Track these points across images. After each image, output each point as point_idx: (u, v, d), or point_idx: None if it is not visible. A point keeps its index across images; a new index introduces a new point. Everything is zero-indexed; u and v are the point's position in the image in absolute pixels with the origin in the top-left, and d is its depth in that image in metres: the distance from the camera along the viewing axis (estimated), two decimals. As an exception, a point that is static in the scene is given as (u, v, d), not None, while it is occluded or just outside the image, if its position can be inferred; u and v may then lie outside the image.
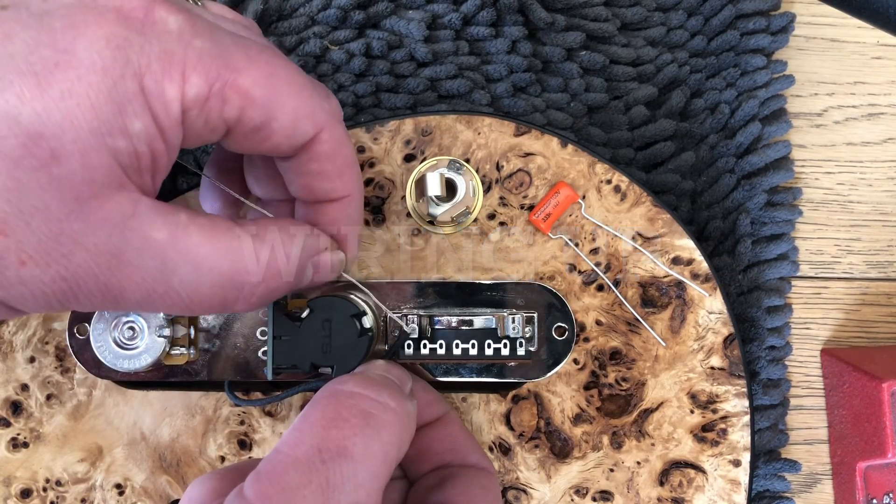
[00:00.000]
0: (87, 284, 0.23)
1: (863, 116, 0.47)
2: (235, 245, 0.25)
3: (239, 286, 0.25)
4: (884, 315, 0.46)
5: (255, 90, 0.24)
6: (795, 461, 0.44)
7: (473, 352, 0.34)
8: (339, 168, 0.28)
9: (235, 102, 0.24)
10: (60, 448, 0.36)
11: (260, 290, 0.26)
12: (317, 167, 0.27)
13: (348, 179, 0.29)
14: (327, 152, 0.27)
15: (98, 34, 0.22)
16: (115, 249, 0.23)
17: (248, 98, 0.24)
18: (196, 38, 0.23)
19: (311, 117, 0.26)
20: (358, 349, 0.32)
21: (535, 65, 0.44)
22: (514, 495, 0.36)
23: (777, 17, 0.46)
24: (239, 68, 0.24)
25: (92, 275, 0.23)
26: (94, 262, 0.22)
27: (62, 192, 0.21)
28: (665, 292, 0.37)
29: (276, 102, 0.25)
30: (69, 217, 0.22)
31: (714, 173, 0.44)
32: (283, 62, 0.26)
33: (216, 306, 0.26)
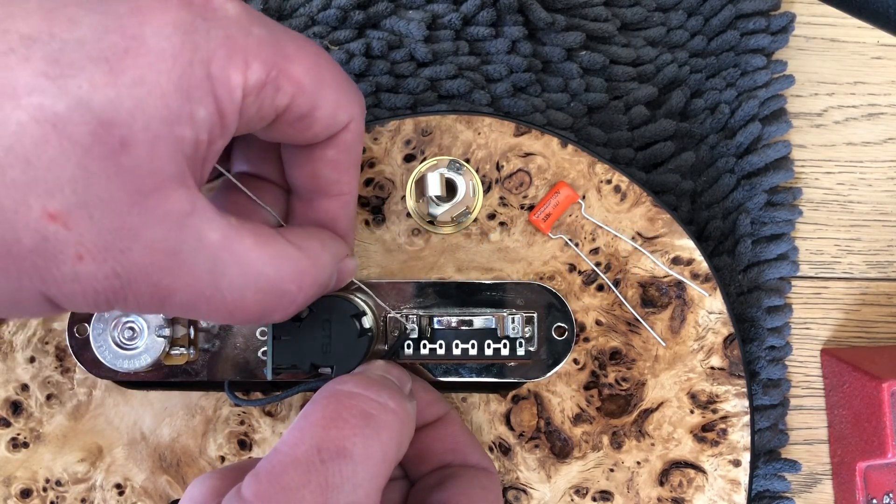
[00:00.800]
0: (139, 283, 0.22)
1: (863, 116, 0.47)
2: (281, 252, 0.25)
3: (280, 294, 0.25)
4: (884, 315, 0.46)
5: (305, 79, 0.25)
6: (795, 461, 0.44)
7: (473, 352, 0.34)
8: (350, 161, 0.29)
9: (287, 90, 0.24)
10: (60, 448, 0.36)
11: (299, 299, 0.26)
12: (333, 155, 0.28)
13: (353, 176, 0.29)
14: (349, 142, 0.28)
15: (165, 20, 0.21)
16: (172, 248, 0.22)
17: (298, 86, 0.24)
18: (253, 26, 0.23)
19: (347, 107, 0.27)
20: (358, 349, 0.32)
21: (535, 65, 0.44)
22: (514, 495, 0.36)
23: (777, 17, 0.46)
24: (291, 57, 0.24)
25: (145, 273, 0.22)
26: (149, 260, 0.21)
27: (127, 184, 0.21)
28: (665, 292, 0.37)
29: (321, 91, 0.25)
30: (131, 210, 0.21)
31: (714, 173, 0.44)
32: (324, 53, 0.26)
33: (256, 315, 0.25)
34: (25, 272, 0.21)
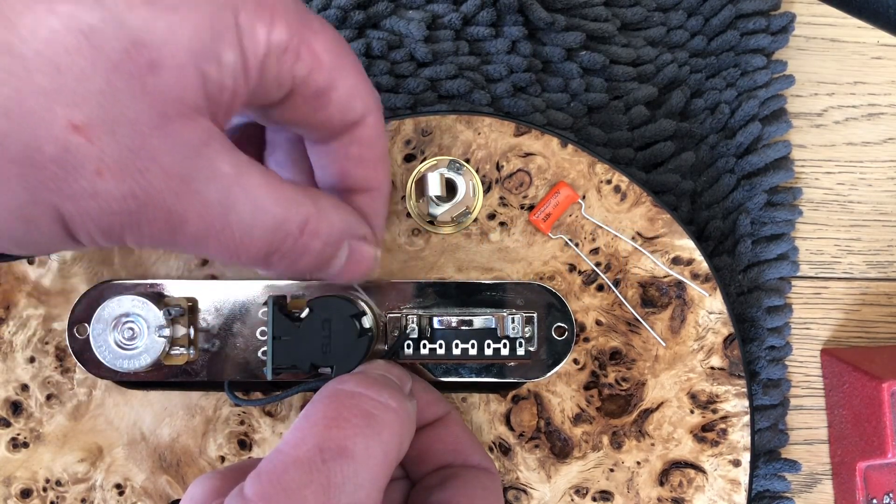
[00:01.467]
0: (154, 207, 0.22)
1: (863, 116, 0.47)
2: (289, 196, 0.25)
3: (285, 235, 0.25)
4: (884, 315, 0.46)
5: (324, 55, 0.25)
6: (795, 461, 0.44)
7: (473, 352, 0.34)
8: (377, 157, 0.28)
9: (307, 61, 0.24)
10: (60, 448, 0.36)
11: (300, 243, 0.25)
12: (357, 152, 0.27)
13: (382, 171, 0.29)
14: (370, 138, 0.27)
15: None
16: (187, 174, 0.22)
17: (318, 60, 0.24)
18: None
19: (363, 98, 0.26)
20: (358, 349, 0.32)
21: (535, 65, 0.44)
22: (514, 495, 0.36)
23: (777, 17, 0.46)
24: (315, 30, 0.24)
25: (161, 197, 0.22)
26: (165, 184, 0.22)
27: (152, 105, 0.21)
28: (665, 292, 0.37)
29: (339, 73, 0.25)
30: (153, 132, 0.21)
31: (714, 173, 0.44)
32: (346, 42, 0.26)
33: (261, 254, 0.25)
34: (44, 183, 0.20)
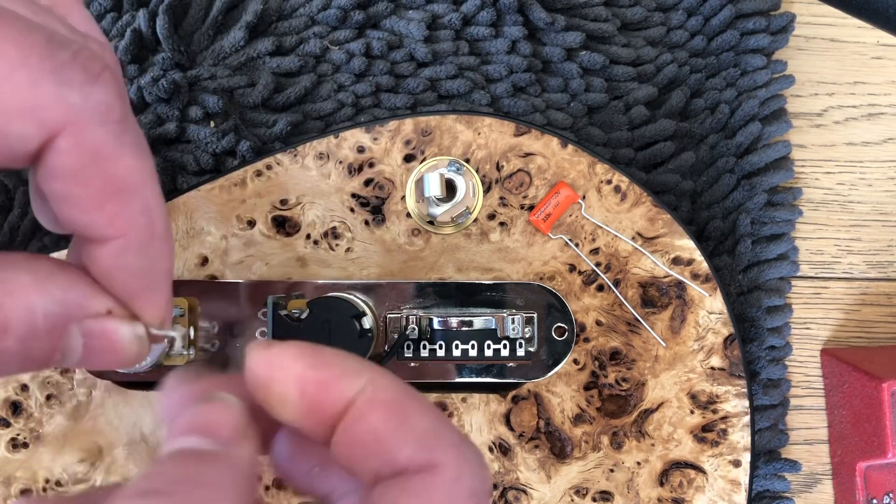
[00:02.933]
0: None
1: (863, 116, 0.47)
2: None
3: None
4: (884, 315, 0.46)
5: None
6: (795, 461, 0.44)
7: (473, 353, 0.34)
8: (94, 193, 0.19)
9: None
10: (60, 448, 0.36)
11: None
12: (60, 189, 0.18)
13: (119, 213, 0.19)
14: (71, 168, 0.18)
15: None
16: None
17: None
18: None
19: (35, 113, 0.17)
20: (358, 350, 0.32)
21: (535, 65, 0.44)
22: (514, 495, 0.36)
23: (777, 17, 0.46)
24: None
25: None
26: None
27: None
28: (665, 292, 0.37)
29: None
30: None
31: (714, 173, 0.44)
32: (6, 27, 0.17)
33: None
34: None
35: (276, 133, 0.42)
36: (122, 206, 0.19)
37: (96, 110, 0.18)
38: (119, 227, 0.19)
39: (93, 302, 0.19)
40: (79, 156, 0.18)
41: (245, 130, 0.42)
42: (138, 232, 0.20)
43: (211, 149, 0.41)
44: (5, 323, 0.18)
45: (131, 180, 0.19)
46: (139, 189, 0.19)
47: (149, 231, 0.20)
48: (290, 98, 0.42)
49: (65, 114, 0.18)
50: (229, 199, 0.37)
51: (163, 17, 0.42)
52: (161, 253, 0.20)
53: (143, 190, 0.19)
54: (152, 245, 0.20)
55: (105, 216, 0.19)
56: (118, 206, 0.19)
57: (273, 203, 0.37)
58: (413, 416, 0.18)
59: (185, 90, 0.42)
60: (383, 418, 0.18)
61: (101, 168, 0.19)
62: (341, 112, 0.43)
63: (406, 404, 0.18)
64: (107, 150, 0.18)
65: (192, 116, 0.42)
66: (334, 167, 0.37)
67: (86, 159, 0.18)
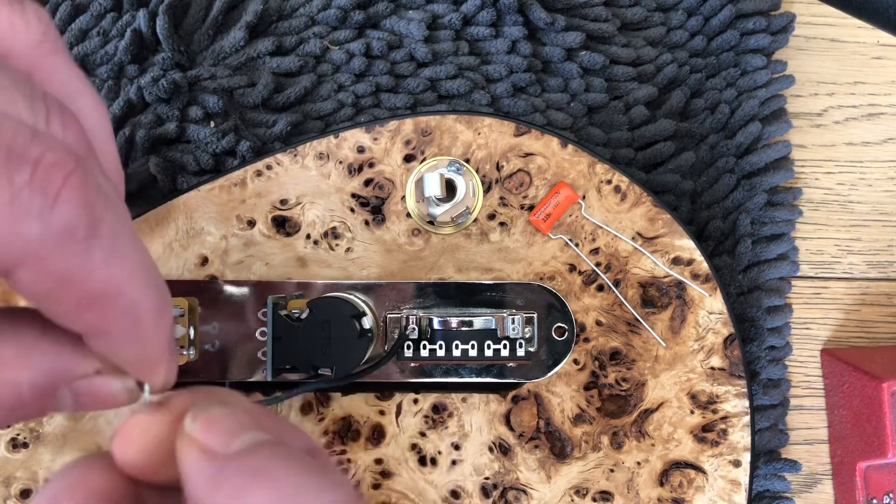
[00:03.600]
0: None
1: (863, 116, 0.47)
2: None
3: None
4: (884, 315, 0.46)
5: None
6: (795, 461, 0.44)
7: (473, 353, 0.34)
8: (69, 309, 0.18)
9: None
10: (60, 448, 0.36)
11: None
12: (35, 300, 0.18)
13: (98, 320, 0.18)
14: (37, 293, 0.18)
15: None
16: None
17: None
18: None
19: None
20: (358, 350, 0.32)
21: (535, 65, 0.44)
22: (514, 495, 0.36)
23: (777, 17, 0.46)
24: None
25: None
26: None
27: None
28: (665, 292, 0.37)
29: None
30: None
31: (714, 173, 0.44)
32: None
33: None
34: None
35: (276, 133, 0.42)
36: (100, 314, 0.18)
37: (58, 236, 0.17)
38: (101, 329, 0.19)
39: (80, 366, 0.19)
40: (44, 283, 0.17)
41: (245, 130, 0.42)
42: (123, 331, 0.19)
43: (211, 149, 0.41)
44: (9, 386, 0.18)
45: (107, 290, 0.18)
46: (117, 294, 0.18)
47: (135, 327, 0.19)
48: (290, 98, 0.42)
49: (23, 248, 0.17)
50: (229, 199, 0.37)
51: (163, 17, 0.42)
52: (152, 338, 0.19)
53: (122, 293, 0.18)
54: (140, 336, 0.19)
55: (84, 324, 0.18)
56: (96, 314, 0.18)
57: (273, 203, 0.37)
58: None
59: (185, 90, 0.42)
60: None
61: (71, 288, 0.18)
62: (341, 112, 0.43)
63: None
64: (74, 271, 0.17)
65: (192, 116, 0.42)
66: (334, 167, 0.37)
67: (52, 285, 0.17)
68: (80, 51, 0.43)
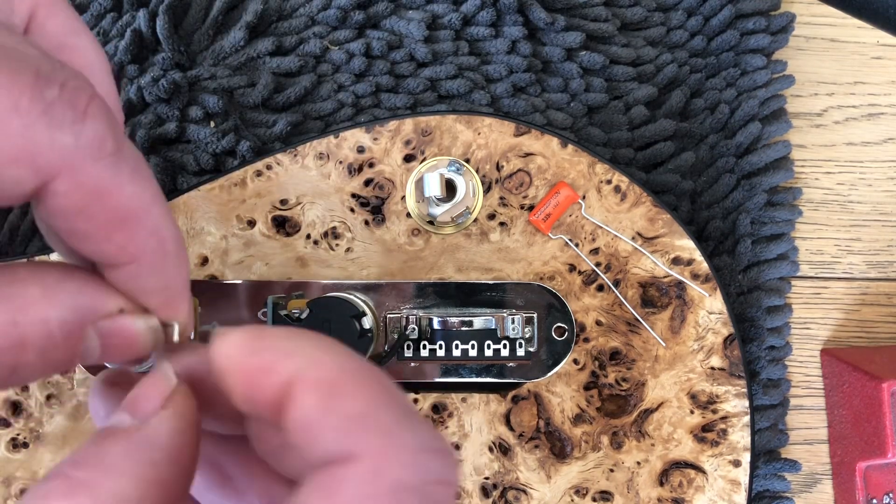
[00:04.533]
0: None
1: (863, 116, 0.47)
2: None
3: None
4: (884, 315, 0.46)
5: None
6: (795, 461, 0.44)
7: (473, 353, 0.34)
8: (101, 227, 0.19)
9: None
10: (60, 448, 0.36)
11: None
12: (64, 225, 0.19)
13: (128, 241, 0.19)
14: (72, 208, 0.18)
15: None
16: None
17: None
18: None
19: (27, 160, 0.17)
20: (358, 350, 0.32)
21: (535, 65, 0.44)
22: (514, 495, 0.36)
23: (777, 17, 0.46)
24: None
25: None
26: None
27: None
28: (665, 292, 0.37)
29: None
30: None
31: (714, 173, 0.44)
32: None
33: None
34: None
35: (276, 133, 0.42)
36: (129, 235, 0.19)
37: (90, 148, 0.18)
38: (130, 253, 0.19)
39: (104, 303, 0.20)
40: (78, 195, 0.18)
41: (245, 130, 0.42)
42: (149, 255, 0.20)
43: (211, 149, 0.41)
44: (23, 339, 0.18)
45: (135, 208, 0.19)
46: (144, 214, 0.19)
47: (160, 252, 0.20)
48: (290, 98, 0.42)
49: (59, 157, 0.18)
50: (229, 199, 0.37)
51: (163, 17, 0.42)
52: (175, 268, 0.20)
53: (149, 214, 0.19)
54: (165, 264, 0.20)
55: (114, 246, 0.19)
56: (126, 234, 0.19)
57: (273, 203, 0.37)
58: (343, 398, 0.16)
59: (185, 90, 0.42)
60: (312, 401, 0.16)
61: (103, 202, 0.19)
62: (341, 112, 0.43)
63: (340, 384, 0.17)
64: (105, 184, 0.18)
65: (192, 116, 0.42)
66: (334, 167, 0.37)
67: (86, 197, 0.18)
68: (80, 51, 0.43)
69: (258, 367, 0.17)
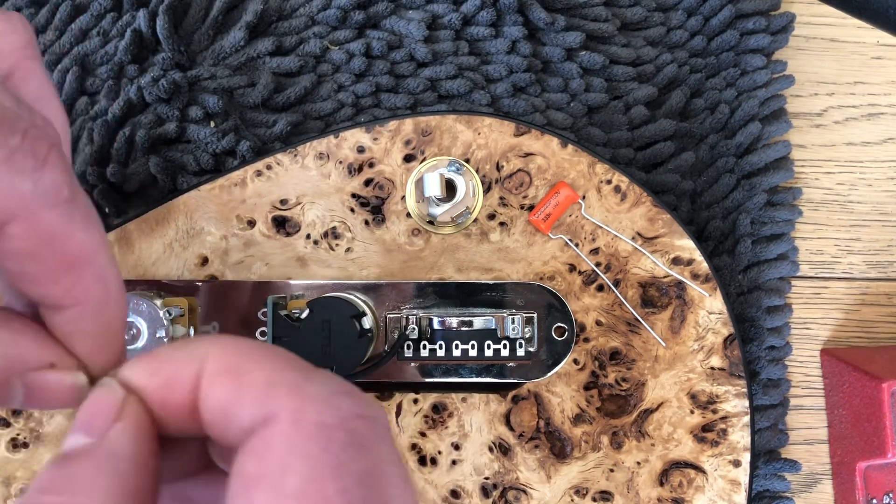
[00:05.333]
0: None
1: (863, 116, 0.47)
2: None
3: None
4: (884, 315, 0.46)
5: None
6: (795, 461, 0.44)
7: (473, 353, 0.34)
8: (49, 270, 0.19)
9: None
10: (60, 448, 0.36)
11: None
12: (14, 267, 0.19)
13: (74, 285, 0.20)
14: (24, 250, 0.19)
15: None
16: None
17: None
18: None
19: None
20: (358, 350, 0.32)
21: (535, 65, 0.44)
22: (514, 495, 0.36)
23: (777, 17, 0.46)
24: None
25: None
26: None
27: None
28: (665, 292, 0.37)
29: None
30: None
31: (714, 173, 0.44)
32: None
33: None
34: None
35: (276, 133, 0.42)
36: (76, 279, 0.20)
37: (46, 195, 0.19)
38: (74, 297, 0.20)
39: (35, 356, 0.20)
40: (31, 240, 0.19)
41: (245, 130, 0.42)
42: (93, 300, 0.20)
43: (211, 149, 0.41)
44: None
45: (84, 254, 0.20)
46: (92, 260, 0.20)
47: (104, 297, 0.20)
48: (290, 98, 0.42)
49: (17, 202, 0.18)
50: (229, 199, 0.37)
51: (163, 17, 0.42)
52: (115, 314, 0.21)
53: (96, 260, 0.20)
54: (107, 309, 0.21)
55: (61, 289, 0.20)
56: (73, 279, 0.20)
57: (273, 203, 0.37)
58: (248, 375, 0.18)
59: (185, 90, 0.42)
60: (222, 388, 0.18)
61: (54, 247, 0.19)
62: (341, 112, 0.43)
63: (241, 365, 0.18)
64: (58, 230, 0.19)
65: (192, 116, 0.42)
66: (334, 167, 0.37)
67: (38, 242, 0.19)
68: (80, 51, 0.43)
69: (163, 384, 0.18)
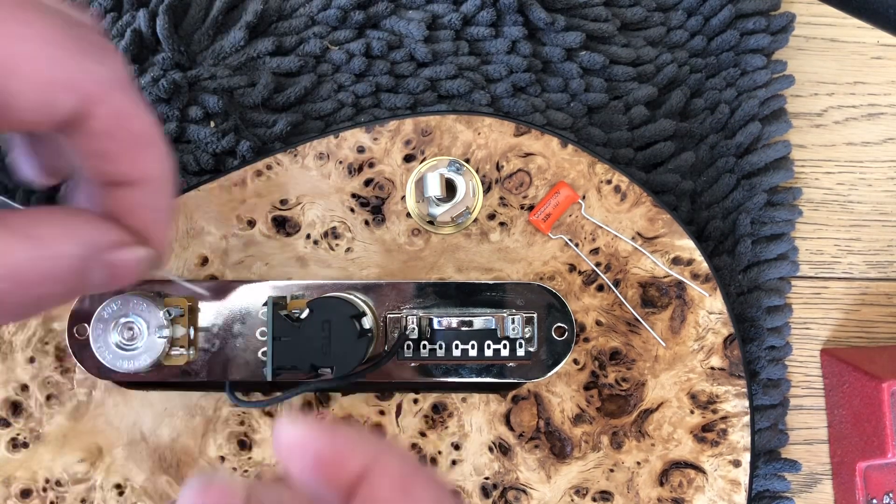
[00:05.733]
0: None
1: (863, 116, 0.47)
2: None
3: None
4: (884, 315, 0.46)
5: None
6: (795, 461, 0.44)
7: (473, 353, 0.34)
8: (125, 147, 0.23)
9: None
10: (60, 448, 0.36)
11: (17, 297, 0.21)
12: (96, 147, 0.23)
13: (143, 161, 0.23)
14: (105, 129, 0.22)
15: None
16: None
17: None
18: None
19: (70, 85, 0.21)
20: (357, 350, 0.32)
21: (535, 65, 0.44)
22: (514, 495, 0.36)
23: (777, 17, 0.46)
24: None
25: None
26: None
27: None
28: (665, 292, 0.37)
29: (11, 64, 0.20)
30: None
31: (714, 173, 0.44)
32: (36, 13, 0.21)
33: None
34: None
35: (276, 133, 0.42)
36: (147, 156, 0.23)
37: (117, 79, 0.22)
38: (143, 171, 0.23)
39: (110, 237, 0.23)
40: (111, 118, 0.22)
41: (245, 130, 0.42)
42: (158, 176, 0.24)
43: (211, 149, 0.41)
44: (49, 271, 0.21)
45: (149, 133, 0.23)
46: (157, 140, 0.24)
47: (166, 174, 0.24)
48: (290, 98, 0.42)
49: (97, 84, 0.22)
50: (229, 199, 0.37)
51: (163, 17, 0.42)
52: (170, 193, 0.25)
53: (158, 141, 0.24)
54: (167, 186, 0.24)
55: (133, 165, 0.23)
56: (143, 155, 0.23)
57: (273, 203, 0.37)
58: (418, 490, 0.19)
59: (185, 90, 0.42)
60: (391, 490, 0.19)
61: (128, 126, 0.23)
62: (341, 112, 0.43)
63: (413, 479, 0.19)
64: (130, 111, 0.23)
65: (192, 116, 0.42)
66: (334, 167, 0.37)
67: (116, 121, 0.22)
68: (80, 51, 0.43)
69: (334, 455, 0.19)
